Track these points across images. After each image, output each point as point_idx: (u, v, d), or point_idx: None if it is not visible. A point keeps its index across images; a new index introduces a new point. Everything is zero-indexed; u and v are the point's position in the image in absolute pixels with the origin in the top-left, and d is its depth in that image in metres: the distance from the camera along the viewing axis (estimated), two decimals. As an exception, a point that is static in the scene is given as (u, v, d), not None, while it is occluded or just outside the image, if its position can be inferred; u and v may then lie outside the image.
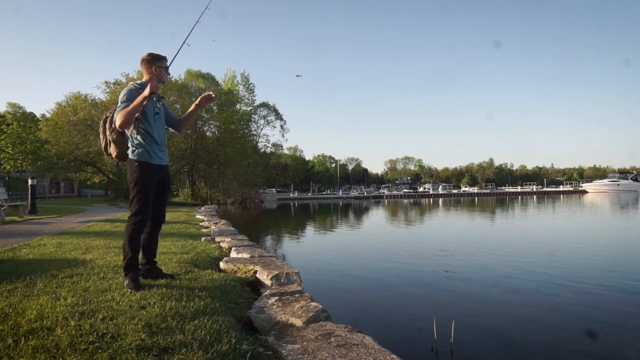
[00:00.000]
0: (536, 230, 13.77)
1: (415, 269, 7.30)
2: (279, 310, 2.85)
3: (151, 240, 3.48)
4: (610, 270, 6.85)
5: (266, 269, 3.94)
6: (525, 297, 5.34)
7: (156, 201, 3.40)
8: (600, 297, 5.23)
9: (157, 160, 3.32)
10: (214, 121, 35.10)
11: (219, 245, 6.40)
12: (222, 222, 10.62)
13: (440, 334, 3.69)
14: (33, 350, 1.92)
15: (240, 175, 37.71)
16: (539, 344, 3.75)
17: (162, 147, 3.38)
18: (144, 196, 3.22)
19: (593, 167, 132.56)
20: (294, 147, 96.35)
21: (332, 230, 15.90)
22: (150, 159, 3.26)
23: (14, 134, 35.41)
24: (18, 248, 5.51)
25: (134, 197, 3.22)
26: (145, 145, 3.25)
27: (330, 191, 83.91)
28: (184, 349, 2.02)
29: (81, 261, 4.43)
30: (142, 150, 3.24)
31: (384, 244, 11.57)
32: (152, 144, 3.28)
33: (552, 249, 9.36)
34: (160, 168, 3.35)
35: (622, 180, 74.70)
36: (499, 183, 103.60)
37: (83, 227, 8.81)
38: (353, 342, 2.24)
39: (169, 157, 3.61)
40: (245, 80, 48.48)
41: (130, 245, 3.22)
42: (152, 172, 3.27)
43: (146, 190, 3.23)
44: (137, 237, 3.26)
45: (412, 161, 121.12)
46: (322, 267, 7.69)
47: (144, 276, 3.43)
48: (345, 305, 5.11)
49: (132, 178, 3.23)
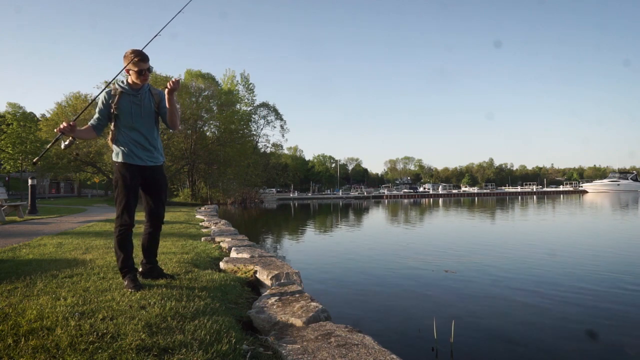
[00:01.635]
0: (536, 230, 13.77)
1: (415, 268, 7.30)
2: (279, 310, 2.85)
3: (151, 241, 3.48)
4: (611, 270, 6.85)
5: (266, 269, 3.94)
6: (526, 297, 5.34)
7: (151, 202, 3.38)
8: (601, 297, 5.23)
9: (137, 161, 3.22)
10: (214, 121, 35.08)
11: (219, 245, 6.40)
12: (222, 222, 10.61)
13: (440, 334, 3.69)
14: (33, 350, 1.92)
15: (240, 175, 37.72)
16: (539, 344, 3.75)
17: (145, 146, 3.26)
18: (122, 198, 3.19)
19: (593, 167, 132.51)
20: (294, 147, 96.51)
21: (332, 230, 15.89)
22: (129, 159, 3.20)
23: (14, 134, 35.41)
24: (18, 248, 5.51)
25: (115, 199, 3.25)
26: (124, 145, 3.21)
27: (330, 191, 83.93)
28: (184, 349, 2.02)
29: (81, 261, 4.44)
30: (120, 150, 3.22)
31: (384, 243, 11.57)
32: (130, 143, 3.21)
33: (552, 249, 9.36)
34: (142, 169, 3.26)
35: (622, 180, 74.69)
36: (499, 183, 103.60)
37: (83, 227, 8.81)
38: (353, 342, 2.24)
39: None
40: (245, 80, 48.50)
41: (120, 248, 3.20)
42: (131, 174, 3.20)
43: (125, 192, 3.18)
44: (124, 239, 3.22)
45: (412, 161, 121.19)
46: (322, 267, 7.69)
47: (145, 276, 3.44)
48: (345, 305, 5.11)
49: (113, 179, 3.26)
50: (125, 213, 3.19)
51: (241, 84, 48.25)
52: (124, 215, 3.19)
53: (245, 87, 48.38)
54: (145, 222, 3.46)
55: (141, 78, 3.20)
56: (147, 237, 3.45)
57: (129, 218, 3.21)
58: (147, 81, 3.29)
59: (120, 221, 3.20)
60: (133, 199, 3.24)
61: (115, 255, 3.26)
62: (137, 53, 3.16)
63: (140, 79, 3.20)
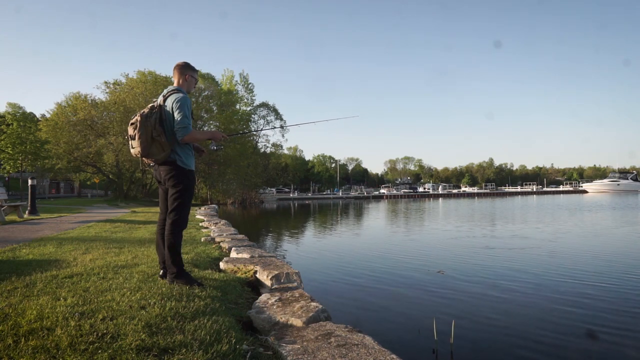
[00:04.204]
0: (536, 230, 13.77)
1: (415, 269, 7.30)
2: (279, 310, 2.85)
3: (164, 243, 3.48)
4: (611, 270, 6.86)
5: (266, 269, 3.94)
6: (525, 297, 5.34)
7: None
8: (601, 297, 5.23)
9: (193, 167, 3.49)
10: (214, 121, 35.11)
11: (219, 245, 6.40)
12: (222, 222, 10.61)
13: (440, 334, 3.69)
14: (33, 351, 1.92)
15: (240, 176, 37.73)
16: (539, 344, 3.75)
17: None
18: (188, 203, 3.39)
19: (593, 167, 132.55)
20: (293, 147, 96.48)
21: (332, 230, 15.90)
22: (193, 166, 3.46)
23: (14, 134, 35.36)
24: (18, 248, 5.51)
25: (180, 203, 3.35)
26: (190, 150, 3.43)
27: (330, 191, 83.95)
28: (184, 349, 2.02)
29: (81, 261, 4.43)
30: (188, 156, 3.44)
31: (384, 244, 11.57)
32: (189, 149, 3.43)
33: (552, 249, 9.36)
34: (155, 169, 3.42)
35: (622, 180, 74.69)
36: (499, 183, 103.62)
37: (83, 227, 8.81)
38: (353, 342, 2.24)
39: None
40: (245, 80, 48.53)
41: (180, 248, 3.41)
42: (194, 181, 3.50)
43: (190, 198, 3.40)
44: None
45: (412, 161, 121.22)
46: (322, 267, 7.70)
47: (164, 277, 3.44)
48: (345, 305, 5.11)
49: (183, 185, 3.36)
50: (187, 216, 3.37)
51: (240, 84, 48.30)
52: (186, 219, 3.38)
53: (244, 87, 48.41)
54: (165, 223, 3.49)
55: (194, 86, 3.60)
56: (161, 239, 3.48)
57: (161, 216, 3.47)
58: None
59: (183, 225, 3.33)
60: (162, 200, 3.48)
61: (175, 255, 3.28)
62: (197, 72, 3.62)
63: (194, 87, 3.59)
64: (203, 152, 3.65)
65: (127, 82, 30.74)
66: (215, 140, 3.51)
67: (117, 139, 28.59)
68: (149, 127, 3.15)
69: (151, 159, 3.25)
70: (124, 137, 26.96)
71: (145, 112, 3.22)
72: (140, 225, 9.39)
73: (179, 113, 3.17)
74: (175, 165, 3.26)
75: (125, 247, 5.69)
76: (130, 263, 4.27)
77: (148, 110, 3.22)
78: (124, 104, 28.33)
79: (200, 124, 33.73)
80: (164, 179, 3.30)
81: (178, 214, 3.27)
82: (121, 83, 31.60)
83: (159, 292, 2.98)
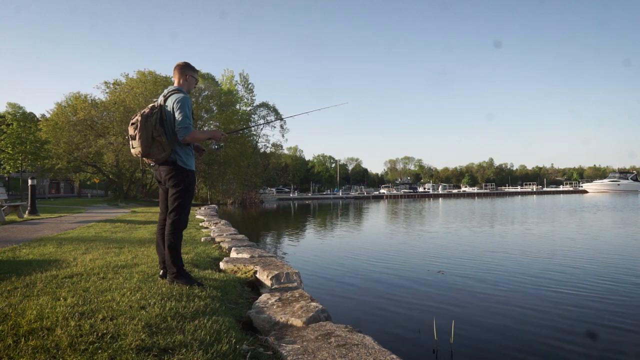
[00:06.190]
0: (535, 230, 13.76)
1: (415, 269, 7.30)
2: (279, 310, 2.85)
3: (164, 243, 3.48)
4: (610, 271, 6.85)
5: (266, 269, 3.94)
6: (526, 297, 5.34)
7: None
8: (601, 297, 5.23)
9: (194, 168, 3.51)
10: (214, 121, 35.11)
11: (219, 245, 6.40)
12: (222, 222, 10.61)
13: (440, 334, 3.69)
14: (33, 351, 1.92)
15: (240, 176, 37.73)
16: (539, 344, 3.75)
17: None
18: (189, 203, 3.40)
19: (593, 167, 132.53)
20: (294, 147, 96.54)
21: (332, 230, 15.90)
22: (193, 167, 3.47)
23: (14, 134, 35.34)
24: (18, 248, 5.51)
25: (181, 203, 3.36)
26: (190, 151, 3.44)
27: (330, 191, 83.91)
28: (184, 349, 2.02)
29: (81, 261, 4.43)
30: (189, 156, 3.42)
31: (384, 244, 11.57)
32: (190, 149, 3.45)
33: (552, 249, 9.36)
34: (155, 169, 3.43)
35: (622, 180, 74.68)
36: (499, 183, 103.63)
37: (83, 228, 8.81)
38: (353, 342, 2.24)
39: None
40: (245, 80, 48.51)
41: (180, 247, 3.41)
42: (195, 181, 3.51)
43: (190, 199, 3.42)
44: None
45: (412, 161, 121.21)
46: (322, 267, 7.70)
47: (164, 277, 3.44)
48: (345, 305, 5.11)
49: (183, 185, 3.37)
50: (187, 217, 3.37)
51: (240, 83, 48.28)
52: (187, 219, 3.38)
53: (244, 87, 48.40)
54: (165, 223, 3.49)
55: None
56: (161, 239, 3.48)
57: (161, 216, 3.48)
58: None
59: (183, 225, 3.33)
60: (162, 199, 3.50)
61: (175, 255, 3.28)
62: (197, 72, 3.64)
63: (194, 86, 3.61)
64: (204, 151, 3.65)
65: (127, 82, 30.74)
66: (216, 139, 3.52)
67: (117, 139, 28.59)
68: (150, 127, 3.15)
69: (152, 159, 3.24)
70: (124, 137, 26.97)
71: (146, 112, 3.20)
72: (140, 225, 9.39)
73: (180, 113, 3.16)
74: (175, 165, 3.26)
75: (125, 247, 5.69)
76: (130, 263, 4.27)
77: (149, 110, 3.20)
78: (124, 104, 28.35)
79: (200, 124, 33.72)
80: (164, 179, 3.30)
81: (178, 214, 3.27)
82: (121, 83, 31.61)
83: (159, 292, 2.98)
